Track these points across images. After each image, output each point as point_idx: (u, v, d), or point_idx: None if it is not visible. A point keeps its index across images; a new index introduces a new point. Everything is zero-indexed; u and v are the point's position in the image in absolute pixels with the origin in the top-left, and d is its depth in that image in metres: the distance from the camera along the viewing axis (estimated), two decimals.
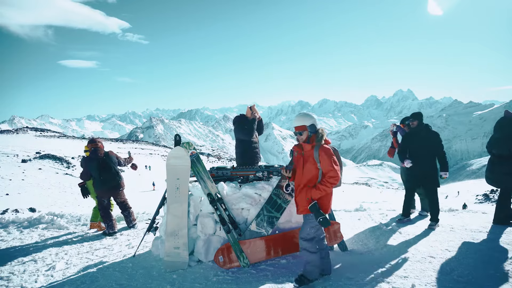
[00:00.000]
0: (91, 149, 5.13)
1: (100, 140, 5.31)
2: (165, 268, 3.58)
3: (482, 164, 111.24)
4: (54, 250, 4.40)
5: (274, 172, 4.01)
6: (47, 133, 60.02)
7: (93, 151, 5.10)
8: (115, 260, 3.96)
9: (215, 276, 3.34)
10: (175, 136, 4.00)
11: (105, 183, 5.06)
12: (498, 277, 2.99)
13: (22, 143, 37.57)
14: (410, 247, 3.94)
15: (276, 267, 3.51)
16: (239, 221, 3.78)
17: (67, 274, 3.59)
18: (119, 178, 5.21)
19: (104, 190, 5.10)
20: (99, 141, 5.29)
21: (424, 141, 4.61)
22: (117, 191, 5.21)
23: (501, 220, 4.43)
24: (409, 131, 4.87)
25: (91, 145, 5.15)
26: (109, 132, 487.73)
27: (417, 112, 4.87)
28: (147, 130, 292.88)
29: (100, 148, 5.17)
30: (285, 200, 3.67)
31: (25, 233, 5.33)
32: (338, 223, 3.77)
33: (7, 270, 3.73)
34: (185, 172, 3.70)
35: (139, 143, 66.74)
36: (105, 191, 5.11)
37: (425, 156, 4.58)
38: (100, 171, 5.04)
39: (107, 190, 5.12)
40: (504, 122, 4.19)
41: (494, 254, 3.57)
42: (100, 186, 5.08)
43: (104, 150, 5.24)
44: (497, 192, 8.67)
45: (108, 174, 5.08)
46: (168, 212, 3.71)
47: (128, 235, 5.04)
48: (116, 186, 5.18)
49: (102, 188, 5.08)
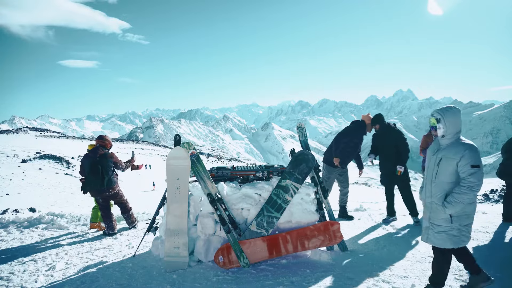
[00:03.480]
0: (96, 145, 5.07)
1: (108, 139, 5.19)
2: (165, 268, 3.58)
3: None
4: (54, 250, 4.40)
5: (274, 172, 4.02)
6: (47, 133, 59.98)
7: (95, 148, 5.03)
8: (115, 260, 3.96)
9: (215, 276, 3.34)
10: (175, 136, 4.00)
11: (89, 185, 4.96)
12: (499, 277, 3.00)
13: (22, 143, 37.56)
14: (410, 247, 3.95)
15: (276, 267, 3.52)
16: (239, 221, 3.78)
17: (67, 274, 3.59)
18: (104, 184, 4.92)
19: (90, 191, 5.03)
20: (108, 139, 5.17)
21: (389, 141, 4.94)
22: (102, 194, 4.99)
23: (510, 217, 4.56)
24: (376, 133, 5.18)
25: (98, 141, 5.08)
26: (109, 132, 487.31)
27: (376, 115, 5.13)
28: (147, 130, 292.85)
29: (105, 146, 5.08)
30: (285, 200, 3.68)
31: (25, 233, 5.33)
32: (338, 223, 3.77)
33: (7, 270, 3.73)
34: (185, 172, 3.70)
35: (139, 143, 66.72)
36: (91, 192, 5.04)
37: (392, 154, 4.90)
38: (89, 172, 4.92)
39: (92, 192, 5.03)
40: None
41: (495, 254, 3.58)
42: (87, 185, 5.01)
43: (106, 151, 5.09)
44: (497, 192, 8.67)
45: (93, 177, 4.89)
46: (168, 212, 3.71)
47: (128, 235, 5.04)
48: (100, 191, 4.96)
49: (89, 188, 5.01)
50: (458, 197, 2.47)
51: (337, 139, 5.25)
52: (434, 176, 2.65)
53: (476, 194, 2.48)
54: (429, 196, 2.70)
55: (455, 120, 2.57)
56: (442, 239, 2.60)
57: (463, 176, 2.48)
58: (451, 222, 2.55)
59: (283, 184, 3.70)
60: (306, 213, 3.83)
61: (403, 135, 5.01)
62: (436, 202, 2.62)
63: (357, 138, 5.21)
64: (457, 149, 2.52)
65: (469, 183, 2.44)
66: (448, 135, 2.59)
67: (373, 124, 5.10)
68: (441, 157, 2.61)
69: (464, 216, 2.55)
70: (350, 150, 5.20)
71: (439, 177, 2.61)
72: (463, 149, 2.49)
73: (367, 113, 5.32)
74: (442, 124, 2.58)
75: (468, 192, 2.44)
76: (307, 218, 3.83)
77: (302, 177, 3.73)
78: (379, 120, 5.05)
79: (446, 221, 2.57)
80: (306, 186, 3.90)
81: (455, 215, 2.54)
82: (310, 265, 3.52)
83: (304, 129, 4.55)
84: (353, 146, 5.21)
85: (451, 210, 2.52)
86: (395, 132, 4.96)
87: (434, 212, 2.65)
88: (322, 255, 3.73)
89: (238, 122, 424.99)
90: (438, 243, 2.63)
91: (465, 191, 2.45)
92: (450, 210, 2.52)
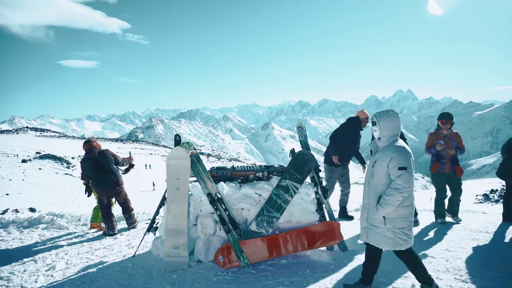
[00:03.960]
0: (86, 149, 5.13)
1: (94, 140, 5.29)
2: (165, 268, 3.58)
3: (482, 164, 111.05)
4: (54, 250, 4.39)
5: (274, 172, 4.01)
6: (47, 133, 59.97)
7: (88, 151, 5.10)
8: (115, 260, 3.96)
9: (215, 276, 3.34)
10: (175, 136, 4.00)
11: (100, 182, 5.01)
12: (498, 277, 3.00)
13: (22, 143, 37.57)
14: None
15: (276, 267, 3.52)
16: (239, 221, 3.78)
17: (67, 274, 3.59)
18: (114, 176, 5.09)
19: (101, 190, 5.07)
20: (94, 141, 5.27)
21: None
22: (113, 189, 5.11)
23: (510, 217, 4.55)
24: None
25: (86, 146, 5.16)
26: (109, 132, 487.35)
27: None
28: (147, 130, 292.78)
29: (94, 147, 5.14)
30: (285, 200, 3.68)
31: (25, 233, 5.33)
32: (338, 223, 3.77)
33: (7, 270, 3.73)
34: (185, 172, 3.70)
35: (139, 143, 66.70)
36: (102, 190, 5.08)
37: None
38: (94, 171, 4.98)
39: (104, 190, 5.07)
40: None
41: (495, 254, 3.58)
42: (96, 186, 5.06)
43: (100, 149, 5.19)
44: (497, 192, 8.67)
45: (101, 173, 4.99)
46: (168, 212, 3.71)
47: (128, 235, 5.04)
48: (112, 185, 5.07)
49: (98, 188, 5.05)
50: (387, 199, 2.51)
51: (334, 137, 5.22)
52: (370, 177, 2.72)
53: (404, 196, 2.50)
54: (366, 197, 2.75)
55: (391, 124, 2.63)
56: (379, 240, 2.65)
57: (392, 178, 2.54)
58: (384, 224, 2.59)
59: (283, 184, 3.70)
60: (306, 213, 3.83)
61: (404, 135, 4.99)
62: (372, 203, 2.67)
63: (354, 135, 5.19)
64: (388, 152, 2.58)
65: (397, 185, 2.49)
66: (384, 137, 2.66)
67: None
68: (376, 159, 2.68)
69: (398, 219, 2.57)
70: (349, 147, 5.19)
71: (374, 179, 2.67)
72: (393, 151, 2.56)
73: (362, 109, 5.30)
74: (378, 127, 2.66)
75: (396, 194, 2.48)
76: (307, 218, 3.83)
77: (302, 177, 3.73)
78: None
79: (380, 223, 2.62)
80: (306, 186, 3.90)
81: (388, 217, 2.58)
82: (310, 265, 3.52)
83: (304, 129, 4.55)
84: (351, 143, 5.18)
85: (383, 212, 2.56)
86: None
87: (370, 213, 2.69)
88: (322, 255, 3.73)
89: (238, 122, 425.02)
90: (376, 243, 2.67)
91: (393, 193, 2.49)
92: (381, 211, 2.57)
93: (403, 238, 2.58)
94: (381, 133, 2.65)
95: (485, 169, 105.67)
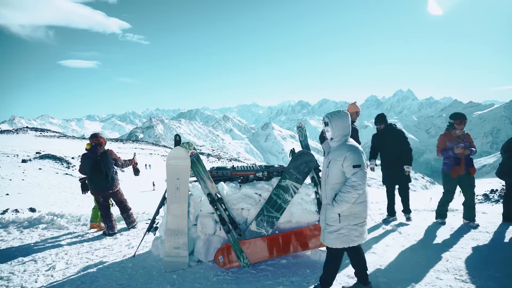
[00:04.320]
0: (92, 144, 5.05)
1: (102, 136, 5.18)
2: (165, 268, 3.58)
3: (482, 164, 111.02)
4: (54, 250, 4.40)
5: (274, 172, 4.01)
6: (47, 133, 59.97)
7: (92, 147, 5.02)
8: (115, 260, 3.97)
9: (215, 276, 3.34)
10: (175, 136, 4.00)
11: (94, 184, 4.97)
12: (498, 277, 3.00)
13: (22, 143, 37.56)
14: (410, 247, 3.95)
15: (276, 267, 3.52)
16: (239, 221, 3.78)
17: (67, 274, 3.59)
18: (109, 181, 4.96)
19: (94, 191, 5.04)
20: (101, 137, 5.16)
21: (391, 140, 4.89)
22: (106, 192, 5.02)
23: (510, 217, 4.53)
24: (377, 133, 5.12)
25: (92, 140, 5.04)
26: (109, 132, 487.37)
27: (380, 114, 5.10)
28: (147, 130, 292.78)
29: (101, 145, 5.06)
30: (285, 200, 3.68)
31: (25, 233, 5.33)
32: None
33: (7, 270, 3.73)
34: (185, 172, 3.70)
35: (139, 143, 66.73)
36: (95, 191, 5.04)
37: (395, 154, 4.85)
38: (92, 171, 4.93)
39: (97, 191, 5.03)
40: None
41: (494, 254, 3.58)
42: (90, 184, 5.03)
43: (104, 148, 5.12)
44: (497, 192, 8.67)
45: (97, 176, 4.91)
46: (168, 212, 3.71)
47: (128, 235, 5.04)
48: (105, 189, 4.98)
49: (91, 187, 5.02)
50: (343, 196, 2.56)
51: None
52: (326, 178, 2.75)
53: (359, 193, 2.56)
54: (324, 198, 2.78)
55: (343, 123, 2.68)
56: (333, 239, 2.67)
57: (348, 176, 2.60)
58: (339, 221, 2.63)
59: (283, 184, 3.70)
60: (306, 213, 3.83)
61: (405, 134, 4.99)
62: (329, 203, 2.70)
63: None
64: (342, 151, 2.63)
65: (352, 183, 2.55)
66: (336, 137, 2.71)
67: (378, 124, 5.06)
68: (330, 159, 2.71)
69: (352, 216, 2.63)
70: None
71: (329, 179, 2.71)
72: (346, 150, 2.61)
73: (354, 102, 5.23)
74: (330, 127, 2.70)
75: (352, 191, 2.54)
76: (307, 218, 3.83)
77: (302, 177, 3.73)
78: (384, 120, 5.00)
79: (335, 221, 2.65)
80: (306, 186, 3.91)
81: (343, 215, 2.63)
82: (310, 265, 3.52)
83: (304, 129, 4.55)
84: None
85: (338, 209, 2.61)
86: (398, 132, 4.92)
87: (328, 213, 2.72)
88: (322, 255, 3.73)
89: (238, 122, 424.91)
90: (330, 243, 2.70)
91: (349, 190, 2.55)
92: (337, 209, 2.61)
93: (356, 234, 2.65)
94: (333, 133, 2.70)
95: (485, 169, 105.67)
